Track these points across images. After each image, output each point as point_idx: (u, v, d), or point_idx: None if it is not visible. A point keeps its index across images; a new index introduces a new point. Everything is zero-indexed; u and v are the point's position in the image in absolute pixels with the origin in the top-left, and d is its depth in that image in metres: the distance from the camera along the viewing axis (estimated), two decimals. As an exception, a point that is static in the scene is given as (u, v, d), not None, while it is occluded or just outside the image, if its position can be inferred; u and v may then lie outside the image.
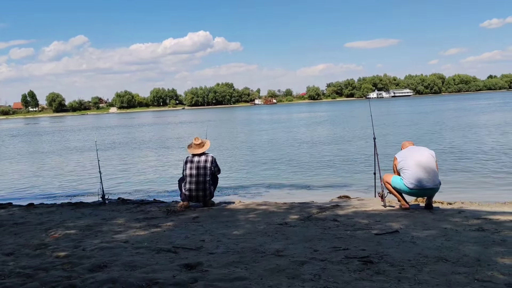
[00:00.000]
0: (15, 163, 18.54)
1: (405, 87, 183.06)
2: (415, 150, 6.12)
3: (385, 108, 62.11)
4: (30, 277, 3.54)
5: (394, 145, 16.24)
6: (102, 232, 5.25)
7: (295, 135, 25.61)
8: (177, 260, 3.88)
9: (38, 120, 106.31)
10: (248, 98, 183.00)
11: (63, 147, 25.13)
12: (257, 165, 13.92)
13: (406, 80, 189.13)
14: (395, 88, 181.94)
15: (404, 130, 24.40)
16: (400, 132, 22.73)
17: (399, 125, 28.35)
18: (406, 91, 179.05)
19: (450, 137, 18.94)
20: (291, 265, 3.55)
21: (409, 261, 3.58)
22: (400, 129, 25.37)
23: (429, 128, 24.33)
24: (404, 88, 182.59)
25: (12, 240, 5.06)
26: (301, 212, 6.13)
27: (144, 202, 7.96)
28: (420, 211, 5.99)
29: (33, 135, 41.03)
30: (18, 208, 7.74)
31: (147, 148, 22.15)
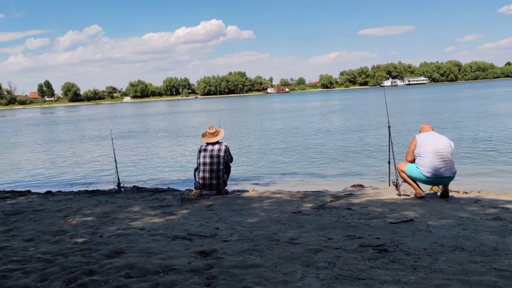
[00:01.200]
0: (33, 151, 18.87)
1: (420, 75, 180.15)
2: (434, 137, 5.98)
3: (399, 96, 61.35)
4: (50, 263, 3.62)
5: (409, 134, 16.06)
6: (119, 219, 5.33)
7: (308, 123, 25.50)
8: (192, 247, 3.93)
9: (54, 110, 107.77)
10: (261, 87, 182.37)
11: (79, 136, 25.47)
12: (270, 154, 13.93)
13: (421, 67, 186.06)
14: (410, 76, 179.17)
15: (420, 118, 24.07)
16: (415, 121, 22.45)
17: (414, 114, 28.00)
18: (421, 79, 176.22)
19: (467, 125, 18.65)
20: (306, 253, 3.57)
21: (425, 250, 3.56)
22: (415, 117, 25.05)
23: (446, 116, 23.98)
24: (419, 76, 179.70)
25: (32, 226, 5.18)
26: (315, 201, 6.13)
27: (158, 190, 8.06)
28: (436, 200, 5.95)
29: (49, 124, 41.66)
30: (37, 195, 7.90)
31: (160, 137, 22.32)
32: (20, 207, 6.47)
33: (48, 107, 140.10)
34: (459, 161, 9.07)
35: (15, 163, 15.24)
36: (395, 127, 17.12)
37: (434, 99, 47.51)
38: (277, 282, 2.95)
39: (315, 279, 2.97)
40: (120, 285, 3.04)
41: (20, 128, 38.14)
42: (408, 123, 21.53)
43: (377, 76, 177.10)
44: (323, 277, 3.00)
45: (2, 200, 7.38)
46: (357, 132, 19.03)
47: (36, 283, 3.21)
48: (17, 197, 7.74)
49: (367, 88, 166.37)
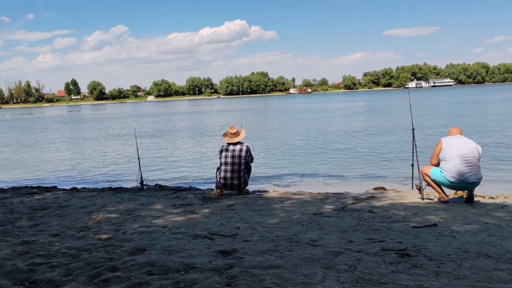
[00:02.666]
0: (60, 148, 19.36)
1: (446, 77, 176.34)
2: (461, 140, 5.84)
3: (424, 98, 60.22)
4: (74, 258, 3.72)
5: (434, 137, 15.77)
6: (141, 216, 5.42)
7: (330, 125, 25.32)
8: (213, 246, 3.96)
9: (80, 108, 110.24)
10: (283, 87, 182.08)
11: (104, 134, 25.99)
12: (291, 154, 13.90)
13: (447, 69, 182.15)
14: (435, 78, 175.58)
15: (445, 121, 23.60)
16: (440, 124, 22.02)
17: (440, 116, 27.43)
18: (447, 80, 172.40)
19: (494, 129, 18.16)
20: (326, 255, 3.55)
21: (448, 255, 3.49)
22: (440, 120, 24.56)
23: (472, 120, 23.41)
24: (445, 77, 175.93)
25: (58, 222, 5.32)
26: (336, 203, 6.10)
27: (180, 189, 8.15)
28: (460, 205, 5.82)
29: (76, 122, 42.65)
30: (63, 191, 8.10)
31: (183, 136, 22.55)
32: (46, 203, 6.65)
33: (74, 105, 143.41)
34: (485, 165, 8.85)
35: (42, 160, 15.67)
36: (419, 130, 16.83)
37: (460, 102, 46.45)
38: (297, 283, 2.95)
39: (336, 282, 2.96)
40: (142, 282, 3.10)
41: (48, 125, 39.19)
42: (433, 126, 21.12)
43: (401, 78, 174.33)
44: (343, 280, 2.98)
45: (30, 196, 7.60)
46: (380, 134, 18.78)
47: (61, 277, 3.29)
48: (44, 193, 7.96)
49: (391, 89, 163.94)
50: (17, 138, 25.90)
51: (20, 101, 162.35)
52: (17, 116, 70.19)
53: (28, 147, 20.60)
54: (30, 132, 30.90)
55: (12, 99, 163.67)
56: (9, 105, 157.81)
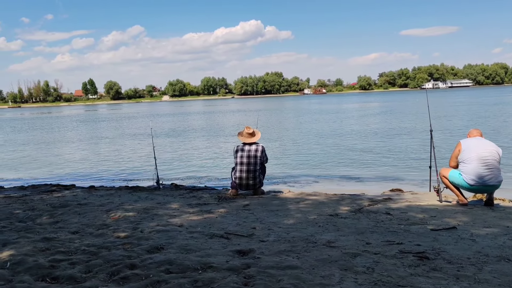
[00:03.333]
0: (77, 147, 19.67)
1: (464, 77, 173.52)
2: (481, 142, 5.74)
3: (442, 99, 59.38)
4: (94, 255, 3.78)
5: (452, 138, 15.55)
6: (158, 215, 5.48)
7: (345, 125, 25.16)
8: (230, 246, 3.98)
9: (97, 107, 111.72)
10: (297, 88, 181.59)
11: (121, 133, 26.29)
12: (306, 155, 13.86)
13: (465, 69, 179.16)
14: (453, 78, 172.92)
15: (463, 123, 23.24)
16: (459, 126, 21.69)
17: (458, 118, 27.02)
18: (465, 81, 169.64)
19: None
20: (343, 257, 3.53)
21: (468, 259, 3.44)
22: (458, 121, 24.19)
23: (492, 121, 23.00)
24: (462, 78, 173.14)
25: (77, 219, 5.41)
26: (352, 204, 6.06)
27: (196, 188, 8.20)
28: (480, 208, 5.73)
29: (93, 122, 43.25)
30: (81, 189, 8.23)
31: (198, 136, 22.67)
32: (65, 201, 6.76)
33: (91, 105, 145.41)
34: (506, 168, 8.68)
35: (61, 158, 15.93)
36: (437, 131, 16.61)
37: (479, 103, 45.67)
38: (315, 284, 2.94)
39: (354, 284, 2.94)
40: (160, 280, 3.13)
41: (66, 124, 39.83)
42: (451, 127, 20.82)
43: (417, 78, 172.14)
44: (361, 282, 2.97)
45: (49, 193, 7.74)
46: (396, 135, 18.58)
47: (82, 274, 3.35)
48: (63, 191, 8.10)
49: (407, 90, 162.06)
50: (36, 137, 26.39)
51: (39, 100, 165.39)
52: (36, 115, 71.50)
53: (47, 145, 20.97)
54: (49, 131, 31.44)
55: (31, 98, 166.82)
56: (28, 104, 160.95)
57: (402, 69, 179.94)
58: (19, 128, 35.97)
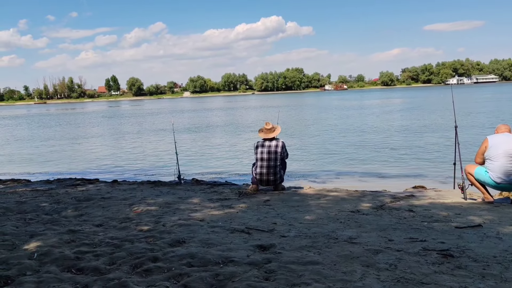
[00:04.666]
0: (101, 142, 20.05)
1: (490, 73, 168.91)
2: (509, 139, 5.55)
3: (467, 95, 58.00)
4: (118, 247, 3.85)
5: (477, 135, 15.18)
6: (180, 210, 5.54)
7: (367, 121, 24.86)
8: (251, 240, 3.99)
9: (120, 103, 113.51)
10: (318, 84, 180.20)
11: (143, 129, 26.66)
12: (327, 151, 13.76)
13: (491, 65, 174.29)
14: (478, 74, 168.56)
15: (489, 119, 22.64)
16: (484, 122, 21.16)
17: (484, 114, 26.34)
18: (491, 77, 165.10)
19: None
20: (365, 253, 3.50)
21: (494, 257, 3.36)
22: (484, 118, 23.59)
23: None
24: (488, 73, 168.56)
25: (101, 213, 5.52)
26: (373, 201, 5.99)
27: (216, 184, 8.25)
28: (506, 206, 5.58)
29: (116, 117, 43.97)
30: (104, 184, 8.39)
31: (219, 132, 22.79)
32: (90, 194, 6.91)
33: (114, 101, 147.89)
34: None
35: (85, 153, 16.28)
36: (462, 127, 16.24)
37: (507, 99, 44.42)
38: (336, 280, 2.93)
39: (376, 280, 2.91)
40: (182, 273, 3.17)
41: (90, 120, 40.63)
42: (477, 123, 20.33)
43: (441, 74, 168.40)
44: (384, 279, 2.94)
45: (74, 187, 7.92)
46: (419, 131, 18.25)
47: (106, 265, 3.42)
48: (87, 185, 8.28)
49: (430, 86, 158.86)
50: (61, 132, 27.01)
51: (63, 97, 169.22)
52: (61, 111, 73.14)
53: (71, 140, 21.44)
54: (73, 127, 32.14)
55: (56, 94, 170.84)
56: (53, 100, 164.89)
57: (426, 65, 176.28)
58: (45, 124, 36.89)
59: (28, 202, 6.36)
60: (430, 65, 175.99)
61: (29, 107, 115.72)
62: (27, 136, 25.01)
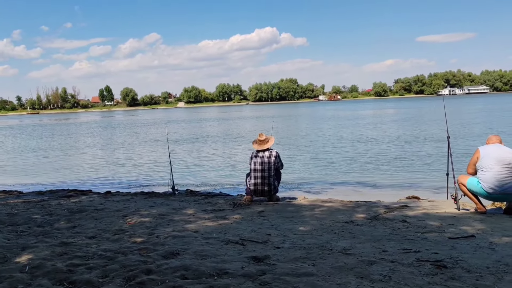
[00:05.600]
0: (94, 153, 19.95)
1: (481, 84, 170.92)
2: (500, 149, 5.61)
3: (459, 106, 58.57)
4: (110, 260, 3.82)
5: (469, 145, 15.30)
6: (174, 221, 5.51)
7: (361, 132, 24.98)
8: (245, 252, 3.98)
9: (113, 114, 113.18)
10: (312, 94, 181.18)
11: (137, 139, 26.58)
12: (321, 161, 13.79)
13: (483, 76, 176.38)
14: (470, 85, 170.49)
15: (481, 130, 22.86)
16: (476, 133, 21.35)
17: (475, 125, 26.60)
18: (482, 87, 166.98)
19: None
20: (360, 264, 3.50)
21: (488, 268, 3.38)
22: (476, 128, 23.81)
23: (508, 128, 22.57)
24: (480, 84, 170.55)
25: (94, 224, 5.48)
26: (367, 211, 6.00)
27: (211, 194, 8.23)
28: (499, 216, 5.61)
29: (109, 128, 43.82)
30: (97, 195, 8.34)
31: (213, 143, 22.77)
32: (82, 206, 6.86)
33: (107, 111, 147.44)
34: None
35: (77, 164, 16.18)
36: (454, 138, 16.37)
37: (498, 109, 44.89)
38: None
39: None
40: (176, 286, 3.14)
41: (83, 130, 40.44)
42: (469, 134, 20.50)
43: (434, 85, 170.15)
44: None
45: (67, 199, 7.86)
46: (412, 142, 18.37)
47: (98, 278, 3.39)
48: (80, 196, 8.21)
49: (423, 96, 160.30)
50: (54, 143, 26.86)
51: (56, 107, 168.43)
52: (54, 121, 72.81)
53: (64, 151, 21.32)
54: (66, 137, 31.97)
55: (49, 105, 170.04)
56: (46, 110, 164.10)
57: (418, 76, 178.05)
58: (37, 134, 36.66)
59: (19, 214, 6.30)
60: (422, 76, 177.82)
61: (22, 117, 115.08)
62: (19, 147, 24.83)
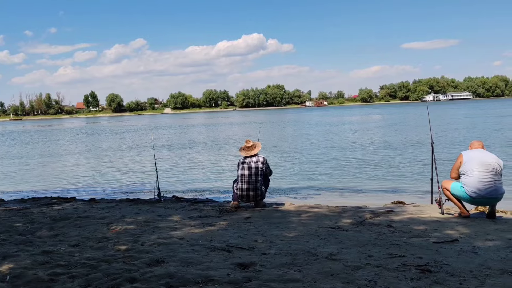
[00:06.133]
0: (78, 159, 19.68)
1: (464, 90, 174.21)
2: (482, 154, 5.71)
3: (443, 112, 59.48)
4: (94, 268, 3.75)
5: (453, 151, 15.53)
6: (159, 228, 5.45)
7: (347, 138, 25.17)
8: (231, 259, 3.95)
9: (98, 120, 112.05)
10: (299, 100, 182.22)
11: (122, 146, 26.32)
12: (308, 167, 13.83)
13: (466, 82, 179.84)
14: (453, 91, 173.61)
15: (464, 135, 23.23)
16: (459, 138, 21.68)
17: (459, 130, 27.03)
18: (465, 94, 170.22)
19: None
20: (345, 270, 3.51)
21: (471, 272, 3.41)
22: (459, 134, 24.18)
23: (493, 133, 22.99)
24: (463, 90, 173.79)
25: (77, 232, 5.39)
26: (353, 216, 6.03)
27: (197, 201, 8.18)
28: (481, 220, 5.69)
29: (94, 134, 43.33)
30: (81, 202, 8.21)
31: (199, 149, 22.68)
32: (66, 213, 6.74)
33: (92, 117, 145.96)
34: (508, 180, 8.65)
35: (61, 171, 15.93)
36: (438, 143, 16.60)
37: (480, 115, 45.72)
38: (316, 298, 2.92)
39: (355, 297, 2.91)
40: (160, 294, 3.10)
41: (66, 137, 39.89)
42: (452, 139, 20.80)
43: (418, 91, 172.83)
44: (363, 296, 2.94)
45: (49, 206, 7.73)
46: (397, 147, 18.57)
47: (81, 287, 3.32)
48: (63, 203, 8.08)
49: (407, 102, 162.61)
50: (37, 149, 26.43)
51: (40, 113, 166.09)
52: (37, 127, 71.74)
53: (47, 158, 20.98)
54: (49, 144, 31.49)
55: (32, 111, 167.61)
56: (29, 116, 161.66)
57: (403, 82, 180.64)
58: (20, 141, 36.05)
59: (0, 222, 6.17)
60: (407, 82, 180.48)
61: (4, 123, 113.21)
62: (0, 153, 24.37)
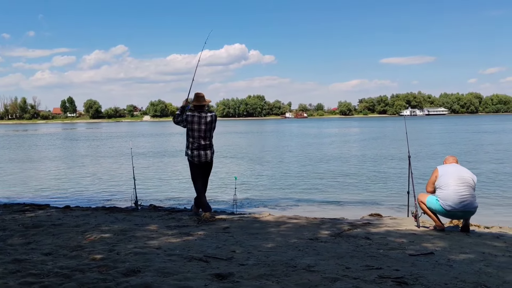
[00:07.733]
0: (53, 166, 19.22)
1: (440, 106, 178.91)
2: (457, 169, 5.89)
3: (419, 126, 60.79)
4: (67, 278, 3.65)
5: (429, 164, 15.85)
6: (136, 237, 5.36)
7: (325, 150, 25.41)
8: (209, 269, 3.91)
9: (75, 126, 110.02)
10: (279, 111, 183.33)
11: (99, 153, 25.87)
12: (287, 178, 13.87)
13: (442, 98, 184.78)
14: (430, 106, 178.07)
15: (440, 149, 23.77)
16: (435, 152, 22.18)
17: (435, 144, 27.65)
18: (441, 109, 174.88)
19: (487, 159, 18.31)
20: (323, 281, 3.51)
21: (446, 284, 3.47)
22: (435, 148, 24.74)
23: (467, 148, 23.62)
24: (439, 106, 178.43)
25: (50, 240, 5.24)
26: (332, 228, 6.07)
27: (175, 210, 8.09)
28: (456, 234, 5.82)
29: (70, 140, 42.48)
30: (56, 209, 8.00)
31: (178, 157, 22.47)
32: (39, 221, 6.56)
33: (69, 123, 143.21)
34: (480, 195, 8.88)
35: (35, 177, 15.53)
36: (415, 157, 16.92)
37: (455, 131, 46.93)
38: (294, 310, 2.91)
39: (333, 309, 2.92)
40: (136, 304, 3.04)
41: (42, 142, 38.98)
42: (429, 153, 21.26)
43: (396, 105, 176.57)
44: (341, 307, 2.95)
45: (22, 213, 7.50)
46: (375, 160, 18.85)
47: (54, 297, 3.23)
48: (36, 211, 7.86)
49: (385, 116, 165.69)
50: (10, 155, 25.72)
51: (15, 117, 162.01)
52: (11, 132, 69.88)
53: (21, 164, 20.43)
54: (23, 149, 30.70)
55: (7, 115, 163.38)
56: (3, 121, 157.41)
57: (381, 96, 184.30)
58: (-7, 145, 35.03)
59: (-30, 229, 5.95)
60: (385, 96, 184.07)
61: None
62: (-27, 158, 23.61)
